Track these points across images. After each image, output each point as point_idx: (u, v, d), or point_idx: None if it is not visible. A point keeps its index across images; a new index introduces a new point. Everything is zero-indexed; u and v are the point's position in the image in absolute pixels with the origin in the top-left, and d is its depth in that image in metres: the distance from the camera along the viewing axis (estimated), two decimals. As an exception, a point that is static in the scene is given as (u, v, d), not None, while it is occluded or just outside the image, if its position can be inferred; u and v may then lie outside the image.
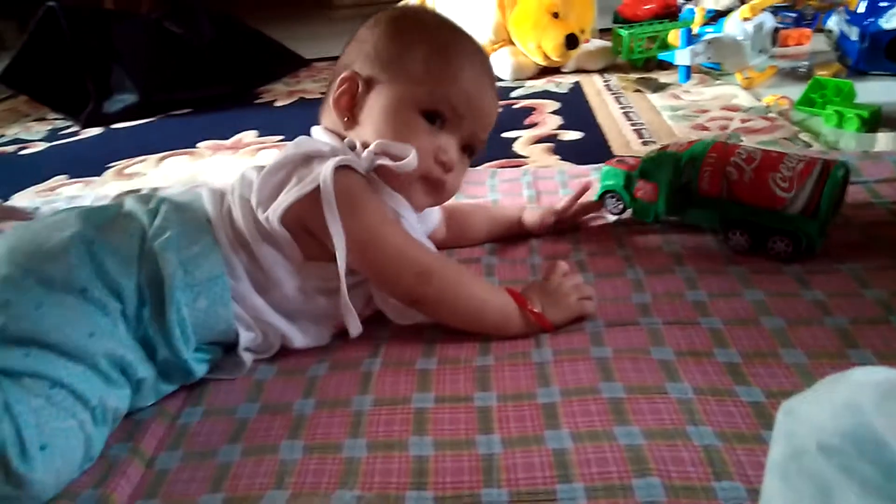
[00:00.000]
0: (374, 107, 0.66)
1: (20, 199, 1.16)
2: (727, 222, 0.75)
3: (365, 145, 0.64)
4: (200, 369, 0.60)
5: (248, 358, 0.62)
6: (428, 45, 0.67)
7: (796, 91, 1.24)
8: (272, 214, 0.60)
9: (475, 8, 1.68)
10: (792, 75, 1.45)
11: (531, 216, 0.83)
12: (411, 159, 0.62)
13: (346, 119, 0.67)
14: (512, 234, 0.83)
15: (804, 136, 1.08)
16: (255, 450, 0.52)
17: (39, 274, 0.54)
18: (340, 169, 0.60)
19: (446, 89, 0.66)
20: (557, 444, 0.49)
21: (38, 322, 0.51)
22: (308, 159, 0.63)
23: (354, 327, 0.61)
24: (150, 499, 0.49)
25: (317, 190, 0.59)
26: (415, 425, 0.53)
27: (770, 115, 1.20)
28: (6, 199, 1.13)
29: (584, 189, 0.85)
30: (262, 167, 0.64)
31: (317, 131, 0.70)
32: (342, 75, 0.67)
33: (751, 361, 0.56)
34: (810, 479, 0.29)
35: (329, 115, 0.69)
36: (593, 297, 0.66)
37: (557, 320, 0.63)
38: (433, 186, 0.67)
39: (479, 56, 0.71)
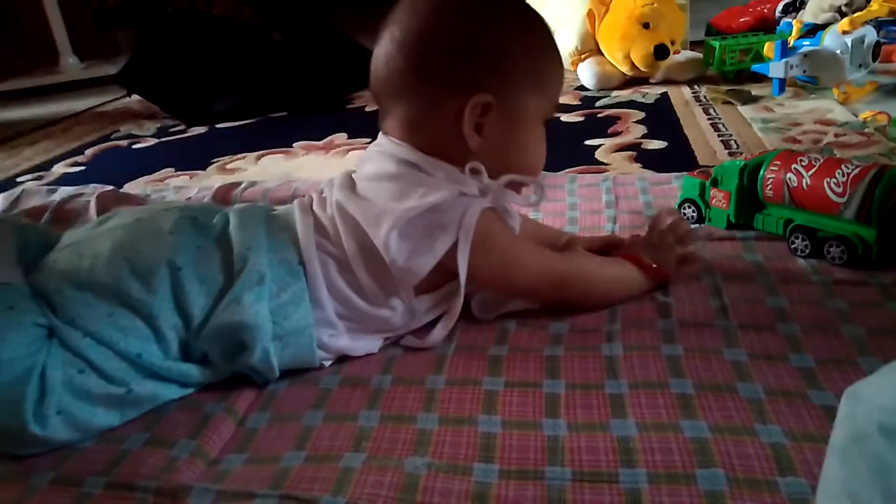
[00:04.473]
0: (501, 125, 0.63)
1: (131, 188, 1.26)
2: (790, 228, 0.76)
3: (492, 170, 0.63)
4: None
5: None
6: (534, 46, 0.66)
7: (897, 107, 1.20)
8: (421, 270, 0.60)
9: (563, 18, 1.70)
10: (894, 92, 1.39)
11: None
12: (540, 187, 0.66)
13: (474, 143, 0.62)
14: None
15: (902, 152, 1.04)
16: (336, 416, 0.56)
17: (122, 288, 0.56)
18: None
19: (558, 91, 0.69)
20: (622, 432, 0.51)
21: (103, 328, 0.55)
22: (436, 210, 0.60)
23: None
24: (239, 452, 0.53)
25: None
26: (484, 405, 0.55)
27: (866, 130, 1.16)
28: (120, 188, 1.23)
29: None
30: (364, 178, 0.64)
31: (410, 153, 0.63)
32: (478, 100, 0.61)
33: (826, 367, 0.56)
34: (870, 461, 0.30)
35: (426, 133, 0.63)
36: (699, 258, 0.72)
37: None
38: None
39: (549, 32, 0.68)
